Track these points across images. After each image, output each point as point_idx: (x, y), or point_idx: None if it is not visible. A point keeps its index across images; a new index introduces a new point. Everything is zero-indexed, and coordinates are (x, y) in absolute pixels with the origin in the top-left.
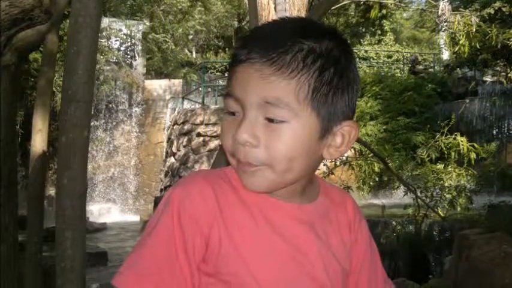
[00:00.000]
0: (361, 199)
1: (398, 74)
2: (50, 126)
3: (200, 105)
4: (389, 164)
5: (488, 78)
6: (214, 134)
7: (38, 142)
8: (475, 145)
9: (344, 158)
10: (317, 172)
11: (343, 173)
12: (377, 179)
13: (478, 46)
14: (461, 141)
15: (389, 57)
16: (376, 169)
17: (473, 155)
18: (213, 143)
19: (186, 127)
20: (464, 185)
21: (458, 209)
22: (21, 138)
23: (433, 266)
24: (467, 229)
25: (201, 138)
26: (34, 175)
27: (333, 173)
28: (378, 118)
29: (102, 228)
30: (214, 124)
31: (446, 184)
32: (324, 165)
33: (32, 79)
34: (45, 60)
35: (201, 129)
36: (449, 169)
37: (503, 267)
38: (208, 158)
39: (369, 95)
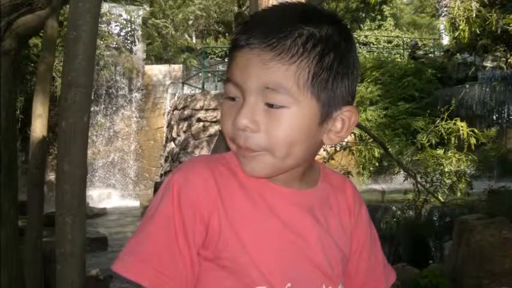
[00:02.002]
0: (361, 184)
1: (399, 60)
2: (50, 111)
3: (200, 91)
4: (389, 149)
5: (488, 64)
6: (214, 119)
7: (38, 127)
8: (475, 130)
9: (344, 143)
10: (317, 157)
11: (343, 158)
12: (377, 164)
13: (478, 31)
14: (461, 126)
15: (390, 42)
16: (376, 154)
17: (473, 140)
18: (213, 129)
19: (186, 112)
20: (464, 170)
21: (459, 194)
22: (21, 124)
23: (433, 251)
24: (467, 214)
25: (201, 124)
26: (34, 160)
27: (333, 158)
28: (378, 103)
29: (102, 213)
30: (214, 109)
31: (446, 169)
32: (324, 150)
33: (32, 64)
34: (45, 45)
35: (201, 114)
36: (449, 154)
37: (502, 252)
38: (208, 143)
39: (369, 80)
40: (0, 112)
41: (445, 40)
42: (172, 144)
